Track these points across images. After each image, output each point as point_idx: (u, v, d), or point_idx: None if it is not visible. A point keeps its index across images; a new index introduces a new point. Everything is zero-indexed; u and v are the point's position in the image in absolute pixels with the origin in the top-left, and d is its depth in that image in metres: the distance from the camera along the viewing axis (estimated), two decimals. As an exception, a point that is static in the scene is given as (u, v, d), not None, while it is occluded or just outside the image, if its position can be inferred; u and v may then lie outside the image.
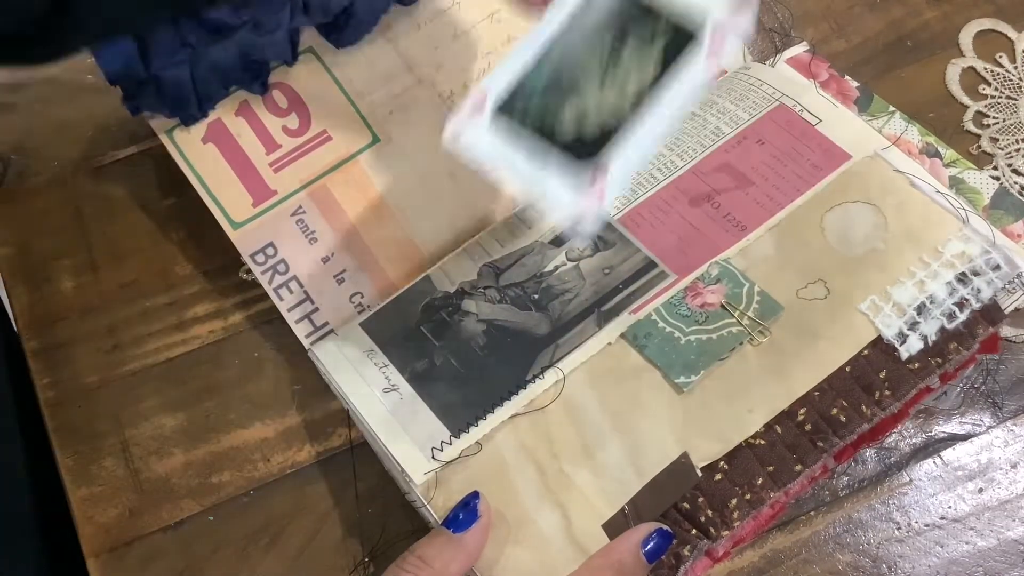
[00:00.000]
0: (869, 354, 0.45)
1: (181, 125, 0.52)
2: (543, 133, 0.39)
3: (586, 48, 0.40)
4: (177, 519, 0.48)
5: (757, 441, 0.44)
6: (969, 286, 0.45)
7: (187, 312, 0.52)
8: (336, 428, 0.50)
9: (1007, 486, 0.48)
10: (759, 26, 0.58)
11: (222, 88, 0.52)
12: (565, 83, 0.40)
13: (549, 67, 0.40)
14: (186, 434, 0.50)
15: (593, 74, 0.40)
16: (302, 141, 0.52)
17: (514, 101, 0.40)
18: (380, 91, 0.54)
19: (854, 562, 0.47)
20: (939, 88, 0.57)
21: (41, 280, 0.53)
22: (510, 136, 0.39)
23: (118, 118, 0.56)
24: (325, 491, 0.49)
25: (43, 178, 0.56)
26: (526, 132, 0.39)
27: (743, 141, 0.51)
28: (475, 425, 0.44)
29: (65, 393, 0.51)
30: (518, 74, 0.40)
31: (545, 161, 0.39)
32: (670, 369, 0.45)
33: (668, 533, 0.42)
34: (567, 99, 0.39)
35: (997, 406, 0.50)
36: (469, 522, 0.41)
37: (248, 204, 0.51)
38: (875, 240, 0.47)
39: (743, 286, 0.47)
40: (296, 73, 0.53)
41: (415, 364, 0.46)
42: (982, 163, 0.55)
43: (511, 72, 0.40)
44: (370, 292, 0.50)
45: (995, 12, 0.59)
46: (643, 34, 0.40)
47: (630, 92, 0.39)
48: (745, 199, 0.49)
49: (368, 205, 0.52)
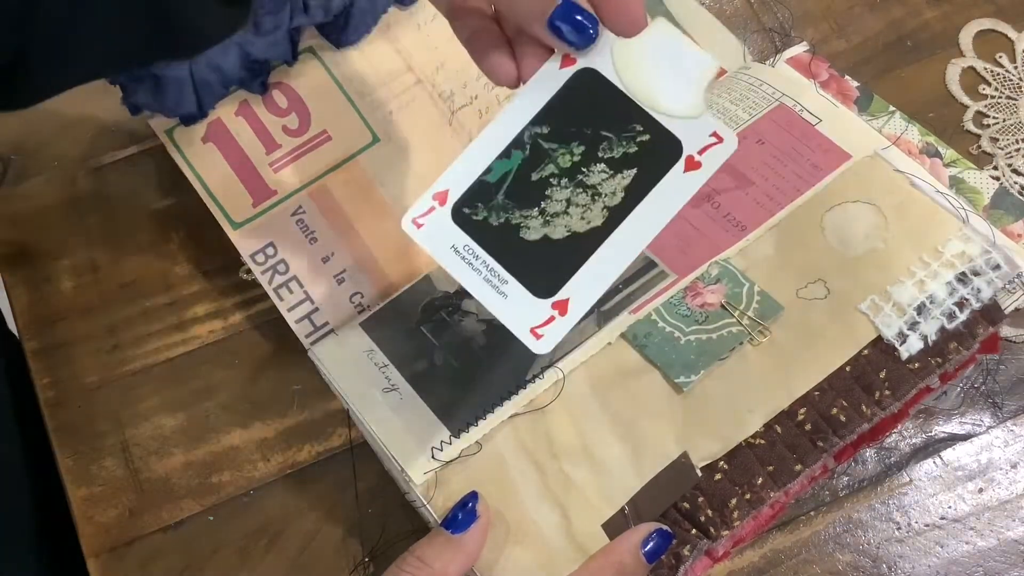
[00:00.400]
0: (869, 354, 0.45)
1: (181, 125, 0.52)
2: (507, 232, 0.37)
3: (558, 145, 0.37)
4: (177, 519, 0.48)
5: (757, 441, 0.44)
6: (969, 286, 0.45)
7: (187, 312, 0.52)
8: (336, 428, 0.50)
9: (1007, 486, 0.48)
10: (759, 26, 0.58)
11: (222, 88, 0.52)
12: (533, 182, 0.37)
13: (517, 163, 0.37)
14: (186, 434, 0.50)
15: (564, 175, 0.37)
16: (302, 141, 0.52)
17: (476, 198, 0.37)
18: (380, 91, 0.54)
19: (854, 562, 0.47)
20: (939, 88, 0.57)
21: (41, 280, 0.53)
22: (472, 234, 0.37)
23: (118, 118, 0.56)
24: (325, 491, 0.49)
25: (43, 178, 0.56)
26: (489, 235, 0.37)
27: (743, 141, 0.51)
28: (475, 425, 0.44)
29: (65, 393, 0.51)
30: (481, 170, 0.38)
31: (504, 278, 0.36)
32: (670, 369, 0.45)
33: (668, 533, 0.42)
34: (534, 201, 0.37)
35: (997, 406, 0.50)
36: (468, 523, 0.41)
37: (248, 204, 0.51)
38: (875, 240, 0.47)
39: (743, 286, 0.47)
40: (296, 73, 0.53)
41: (415, 364, 0.46)
42: (982, 163, 0.55)
43: (474, 167, 0.38)
44: (370, 292, 0.50)
45: (995, 12, 0.59)
46: (620, 135, 0.37)
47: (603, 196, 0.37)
48: (745, 199, 0.49)
49: (368, 205, 0.52)
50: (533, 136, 0.37)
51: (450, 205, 0.37)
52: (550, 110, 0.37)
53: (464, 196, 0.37)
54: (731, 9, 0.59)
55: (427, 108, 0.54)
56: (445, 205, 0.37)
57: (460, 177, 0.38)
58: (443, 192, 0.37)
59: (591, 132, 0.37)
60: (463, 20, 0.39)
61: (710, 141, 0.37)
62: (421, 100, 0.54)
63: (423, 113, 0.54)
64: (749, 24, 0.58)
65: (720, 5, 0.59)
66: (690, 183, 0.36)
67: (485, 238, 0.37)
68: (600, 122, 0.37)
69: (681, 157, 0.37)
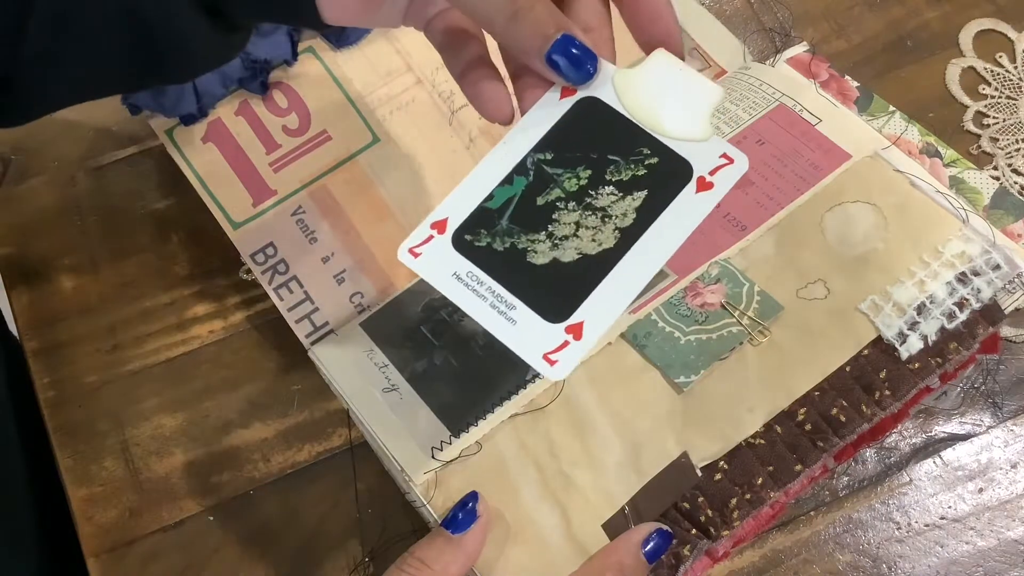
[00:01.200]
0: (869, 354, 0.45)
1: (181, 124, 0.52)
2: (513, 257, 0.35)
3: (563, 170, 0.36)
4: (177, 519, 0.48)
5: (757, 441, 0.44)
6: (969, 286, 0.45)
7: (187, 312, 0.52)
8: (336, 428, 0.50)
9: (1007, 486, 0.48)
10: (759, 26, 0.58)
11: (222, 87, 0.52)
12: (539, 207, 0.36)
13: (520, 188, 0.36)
14: (186, 434, 0.50)
15: (571, 198, 0.36)
16: (302, 141, 0.52)
17: (478, 225, 0.36)
18: (380, 91, 0.54)
19: (854, 562, 0.47)
20: (939, 88, 0.57)
21: (41, 280, 0.53)
22: (475, 260, 0.35)
23: (118, 118, 0.56)
24: (325, 491, 0.49)
25: (43, 178, 0.56)
26: (493, 260, 0.35)
27: (743, 141, 0.51)
28: (475, 425, 0.44)
29: (65, 393, 0.51)
30: (482, 198, 0.36)
31: (512, 304, 0.35)
32: (670, 369, 0.45)
33: (668, 533, 0.42)
34: (541, 226, 0.36)
35: (997, 406, 0.50)
36: (468, 523, 0.41)
37: (248, 204, 0.51)
38: (875, 240, 0.47)
39: (743, 286, 0.47)
40: (296, 73, 0.53)
41: (415, 364, 0.46)
42: (982, 163, 0.55)
43: (475, 195, 0.36)
44: (370, 292, 0.50)
45: (995, 12, 0.59)
46: (628, 159, 0.36)
47: (615, 218, 0.36)
48: (745, 199, 0.49)
49: (368, 205, 0.52)
50: (536, 162, 0.37)
51: (450, 233, 0.36)
52: (552, 137, 0.37)
53: (465, 223, 0.36)
54: (731, 9, 0.59)
55: (427, 108, 0.54)
56: (444, 233, 0.36)
57: (460, 204, 0.36)
58: (442, 220, 0.36)
59: (597, 156, 0.36)
60: (457, 50, 0.38)
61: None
62: (421, 100, 0.54)
63: (423, 113, 0.54)
64: (749, 24, 0.58)
65: (720, 5, 0.59)
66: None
67: (490, 264, 0.35)
68: (606, 147, 0.36)
69: (692, 178, 0.36)
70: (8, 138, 0.57)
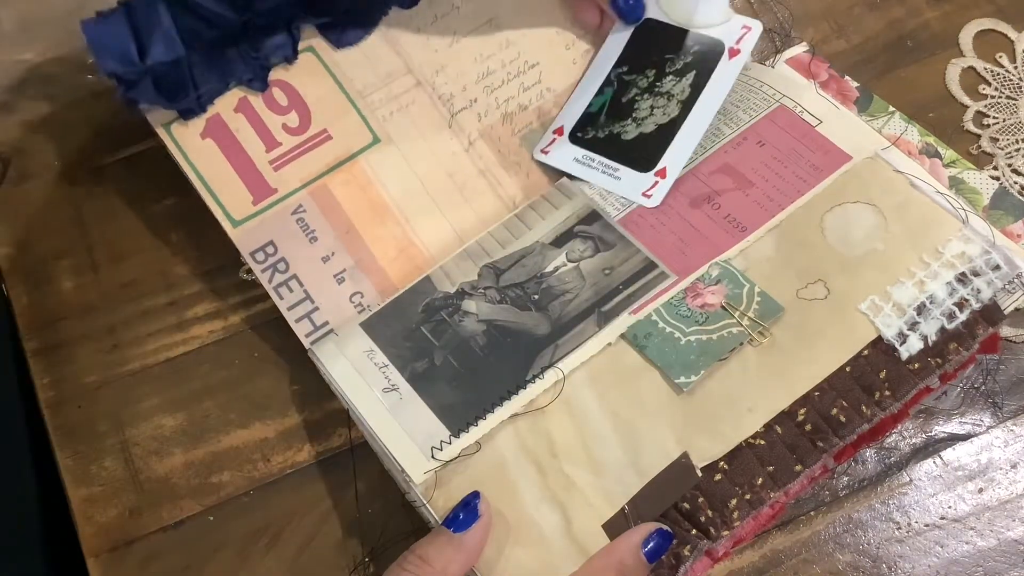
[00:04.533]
0: (869, 354, 0.45)
1: (179, 119, 0.52)
2: (612, 139, 0.52)
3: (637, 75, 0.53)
4: (177, 519, 0.48)
5: (757, 441, 0.44)
6: (969, 286, 0.45)
7: (187, 312, 0.53)
8: (336, 428, 0.50)
9: (1007, 486, 0.48)
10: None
11: (221, 83, 0.52)
12: (623, 103, 0.52)
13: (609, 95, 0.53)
14: (186, 434, 0.50)
15: (644, 92, 0.52)
16: (302, 139, 0.52)
17: (585, 124, 0.52)
18: (380, 91, 0.54)
19: (854, 562, 0.47)
20: (939, 88, 0.57)
21: (41, 280, 0.53)
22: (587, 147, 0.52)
23: (118, 119, 0.56)
24: (325, 491, 0.49)
25: (43, 178, 0.56)
26: (599, 144, 0.52)
27: (743, 142, 0.51)
28: (475, 425, 0.44)
29: (65, 393, 0.51)
30: (584, 106, 0.53)
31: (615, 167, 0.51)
32: (670, 369, 0.45)
33: (668, 533, 0.42)
34: (627, 114, 0.52)
35: (997, 406, 0.50)
36: (469, 522, 0.41)
37: (248, 202, 0.51)
38: (875, 240, 0.47)
39: (743, 287, 0.47)
40: (296, 72, 0.53)
41: (415, 364, 0.46)
42: (982, 163, 0.55)
43: (578, 105, 0.53)
44: (370, 292, 0.50)
45: (995, 12, 0.59)
46: (679, 53, 0.52)
47: (676, 95, 0.51)
48: (745, 200, 0.49)
49: (368, 205, 0.52)
50: (618, 75, 0.53)
51: (567, 134, 0.53)
52: (624, 55, 0.54)
53: (576, 125, 0.53)
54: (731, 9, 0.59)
55: (427, 110, 0.54)
56: (563, 135, 0.53)
57: (569, 114, 0.53)
58: (560, 127, 0.53)
59: (657, 58, 0.53)
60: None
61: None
62: (421, 102, 0.54)
63: (423, 115, 0.54)
64: (749, 24, 0.58)
65: (720, 5, 0.59)
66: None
67: (597, 147, 0.52)
68: (662, 49, 0.53)
69: (725, 50, 0.52)
70: (8, 138, 0.57)
